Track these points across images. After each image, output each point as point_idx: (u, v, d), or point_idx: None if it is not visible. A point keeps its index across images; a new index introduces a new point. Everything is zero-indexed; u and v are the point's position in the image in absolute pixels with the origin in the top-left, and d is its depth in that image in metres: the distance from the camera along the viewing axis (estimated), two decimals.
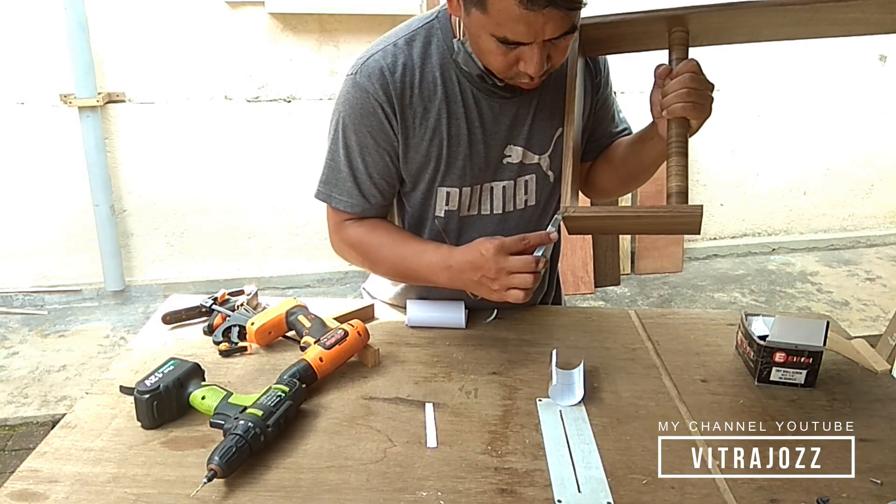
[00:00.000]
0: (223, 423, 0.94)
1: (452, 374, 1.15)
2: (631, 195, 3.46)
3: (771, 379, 1.12)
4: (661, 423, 1.02)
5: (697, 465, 0.94)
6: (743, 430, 1.01)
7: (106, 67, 3.16)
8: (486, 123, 1.17)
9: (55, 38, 3.02)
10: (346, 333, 1.12)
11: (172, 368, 1.03)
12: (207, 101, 3.30)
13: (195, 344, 1.23)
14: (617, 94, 1.35)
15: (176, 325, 1.29)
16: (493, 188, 1.23)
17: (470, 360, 1.19)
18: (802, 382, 1.11)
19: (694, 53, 1.10)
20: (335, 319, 1.22)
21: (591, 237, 3.61)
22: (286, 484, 0.89)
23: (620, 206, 1.26)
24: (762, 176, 4.07)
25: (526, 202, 1.26)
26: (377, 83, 1.11)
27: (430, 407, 1.05)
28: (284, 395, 0.98)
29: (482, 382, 1.12)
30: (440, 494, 0.87)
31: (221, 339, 1.22)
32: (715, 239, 4.16)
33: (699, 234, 1.01)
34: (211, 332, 1.25)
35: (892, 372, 1.17)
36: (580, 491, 0.88)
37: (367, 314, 1.32)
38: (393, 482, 0.89)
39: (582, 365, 1.11)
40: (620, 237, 3.74)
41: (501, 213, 1.25)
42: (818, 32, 1.12)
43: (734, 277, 3.84)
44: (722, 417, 1.04)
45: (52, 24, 3.00)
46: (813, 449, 0.97)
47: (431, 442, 0.97)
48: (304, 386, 1.03)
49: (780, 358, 1.11)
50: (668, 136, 1.05)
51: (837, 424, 1.03)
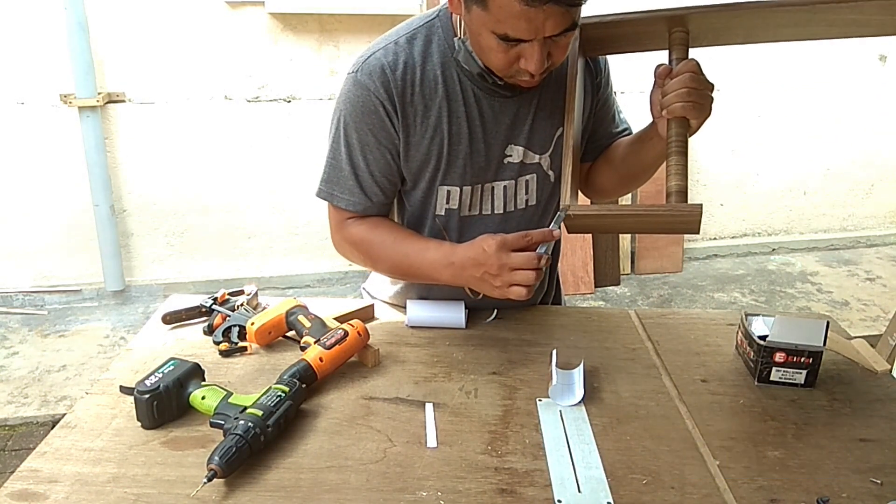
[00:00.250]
0: (223, 423, 0.94)
1: (452, 374, 1.15)
2: (631, 195, 3.46)
3: (771, 379, 1.12)
4: (660, 423, 1.02)
5: (697, 465, 0.94)
6: (743, 430, 1.01)
7: (106, 67, 3.16)
8: (486, 122, 1.17)
9: (55, 38, 3.02)
10: (346, 333, 1.12)
11: (172, 368, 1.03)
12: (207, 101, 3.30)
13: (195, 344, 1.23)
14: (617, 94, 1.35)
15: (176, 325, 1.29)
16: (493, 188, 1.23)
17: (470, 360, 1.19)
18: (802, 382, 1.11)
19: (694, 54, 1.10)
20: (335, 319, 1.22)
21: (591, 237, 3.61)
22: (286, 484, 0.89)
23: (620, 204, 1.26)
24: (762, 176, 4.07)
25: (527, 202, 1.26)
26: (378, 81, 1.11)
27: (430, 407, 1.05)
28: (284, 395, 0.98)
29: (482, 382, 1.12)
30: (440, 494, 0.87)
31: (221, 339, 1.22)
32: (715, 239, 4.16)
33: (698, 233, 1.02)
34: (211, 332, 1.25)
35: (892, 372, 1.17)
36: (580, 491, 0.88)
37: (367, 314, 1.32)
38: (393, 482, 0.89)
39: (582, 365, 1.11)
40: (620, 237, 3.74)
41: (502, 212, 1.25)
42: (817, 34, 1.12)
43: (734, 277, 3.84)
44: (722, 417, 1.04)
45: (52, 24, 3.00)
46: (813, 449, 0.97)
47: (431, 442, 0.97)
48: (304, 386, 1.03)
49: (780, 358, 1.11)
50: (667, 135, 1.05)
51: (837, 424, 1.03)
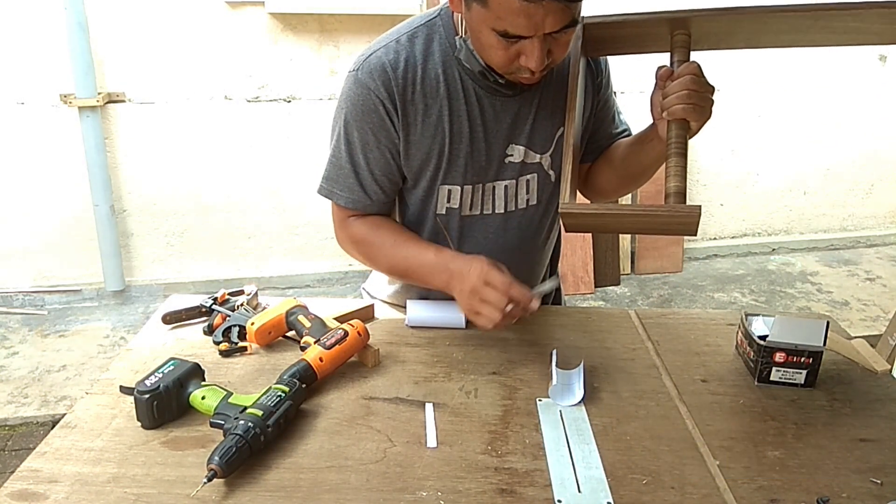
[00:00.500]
0: (223, 423, 0.94)
1: (452, 374, 1.15)
2: (631, 195, 3.46)
3: (771, 379, 1.12)
4: (660, 423, 1.02)
5: (697, 465, 0.94)
6: (743, 430, 1.01)
7: (106, 67, 3.16)
8: (487, 121, 1.17)
9: (55, 38, 3.02)
10: (346, 333, 1.12)
11: (172, 368, 1.03)
12: (207, 101, 3.30)
13: (195, 344, 1.23)
14: (617, 94, 1.35)
15: (176, 325, 1.29)
16: (494, 187, 1.23)
17: (470, 360, 1.19)
18: (802, 382, 1.11)
19: (695, 56, 1.10)
20: (335, 319, 1.22)
21: (591, 237, 3.61)
22: (286, 484, 0.89)
23: (618, 204, 1.26)
24: (762, 176, 4.07)
25: (528, 202, 1.26)
26: (379, 80, 1.11)
27: (430, 407, 1.05)
28: (284, 395, 0.98)
29: (482, 382, 1.12)
30: (440, 494, 0.87)
31: (221, 339, 1.22)
32: (715, 239, 4.16)
33: (695, 235, 1.02)
34: (211, 332, 1.25)
35: (892, 372, 1.17)
36: (580, 491, 0.88)
37: (367, 314, 1.32)
38: (393, 482, 0.89)
39: (582, 365, 1.11)
40: (620, 237, 3.74)
41: (503, 212, 1.25)
42: (818, 41, 1.12)
43: (734, 277, 3.84)
44: (722, 417, 1.04)
45: (52, 24, 3.00)
46: (813, 449, 0.97)
47: (431, 442, 0.97)
48: (304, 386, 1.03)
49: (780, 358, 1.11)
50: (667, 137, 1.05)
51: (837, 424, 1.03)
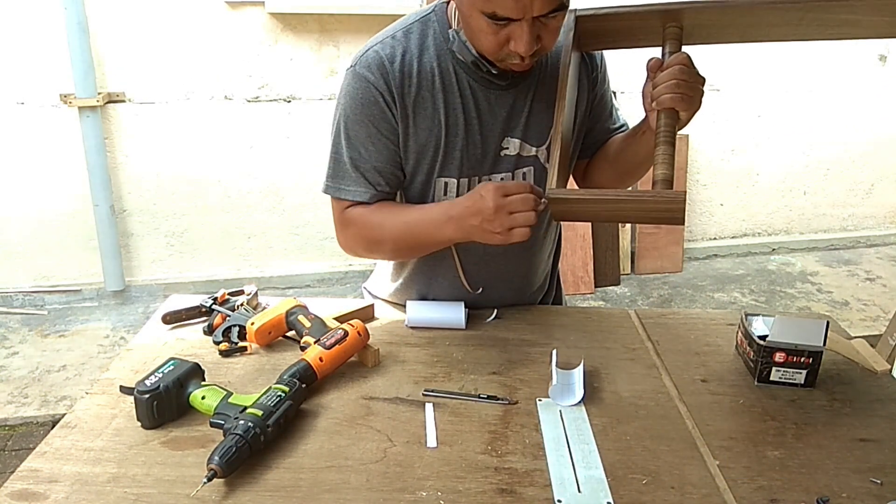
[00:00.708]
0: (223, 423, 0.94)
1: (452, 374, 1.15)
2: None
3: (771, 379, 1.12)
4: (660, 423, 1.02)
5: (697, 465, 0.94)
6: (743, 430, 1.01)
7: (106, 67, 3.16)
8: (482, 114, 1.18)
9: (55, 38, 3.02)
10: (346, 333, 1.12)
11: (172, 368, 1.03)
12: (207, 101, 3.30)
13: (195, 344, 1.23)
14: (617, 94, 1.35)
15: (176, 325, 1.29)
16: (491, 180, 1.23)
17: (470, 360, 1.19)
18: (802, 382, 1.11)
19: (694, 52, 1.10)
20: (335, 319, 1.22)
21: (591, 237, 3.61)
22: (286, 484, 0.89)
23: (602, 189, 1.25)
24: (762, 176, 4.07)
25: None
26: (377, 73, 1.13)
27: (430, 407, 1.05)
28: (284, 395, 0.98)
29: (482, 382, 1.12)
30: (440, 494, 0.87)
31: (221, 339, 1.22)
32: (715, 239, 4.16)
33: (683, 224, 1.02)
34: (211, 332, 1.25)
35: (892, 372, 1.17)
36: (580, 491, 0.88)
37: (367, 314, 1.32)
38: (393, 482, 0.89)
39: (582, 365, 1.11)
40: (620, 237, 3.74)
41: None
42: (810, 34, 1.11)
43: (734, 277, 3.84)
44: (722, 417, 1.04)
45: (52, 24, 3.00)
46: (813, 449, 0.97)
47: (431, 442, 0.97)
48: (304, 386, 1.03)
49: (780, 358, 1.11)
50: (656, 126, 1.06)
51: (837, 424, 1.03)
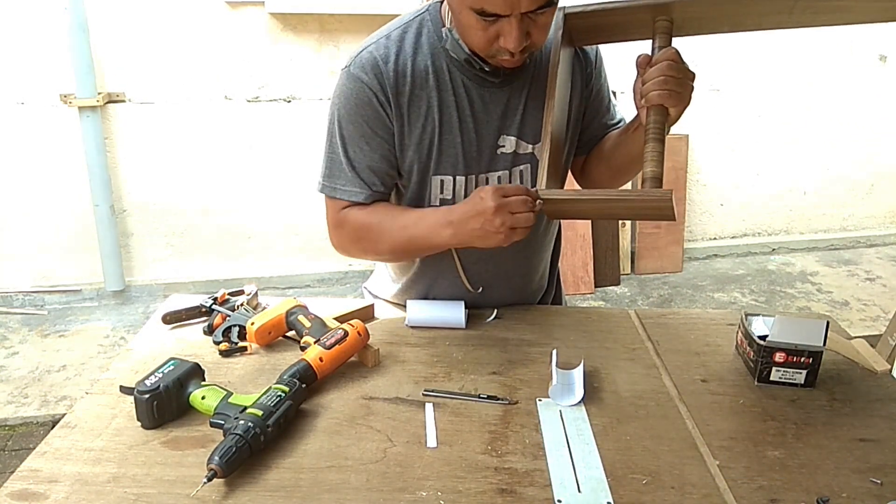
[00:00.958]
0: (223, 423, 0.94)
1: (452, 374, 1.15)
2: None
3: (771, 379, 1.12)
4: (660, 423, 1.02)
5: (697, 465, 0.94)
6: (743, 430, 1.01)
7: (106, 67, 3.16)
8: (476, 112, 1.18)
9: (55, 38, 3.02)
10: (346, 333, 1.12)
11: (172, 368, 1.03)
12: (207, 101, 3.30)
13: (195, 344, 1.23)
14: (616, 94, 1.35)
15: (176, 325, 1.29)
16: (487, 179, 1.23)
17: (470, 360, 1.19)
18: (802, 382, 1.11)
19: (693, 52, 1.10)
20: (335, 319, 1.22)
21: (591, 237, 3.61)
22: (286, 484, 0.89)
23: (591, 189, 1.25)
24: (762, 176, 4.07)
25: None
26: (371, 73, 1.14)
27: (430, 407, 1.05)
28: (284, 395, 0.98)
29: (482, 382, 1.12)
30: (440, 494, 0.87)
31: (221, 339, 1.22)
32: (715, 239, 4.16)
33: (674, 219, 1.02)
34: (211, 332, 1.25)
35: (892, 372, 1.17)
36: (580, 491, 0.88)
37: (367, 314, 1.32)
38: (393, 482, 0.89)
39: (582, 365, 1.11)
40: (621, 237, 3.74)
41: None
42: (802, 21, 1.10)
43: (734, 277, 3.84)
44: (722, 417, 1.04)
45: (52, 24, 3.00)
46: (813, 449, 0.97)
47: (431, 442, 0.97)
48: (304, 386, 1.03)
49: (780, 358, 1.11)
50: (645, 123, 1.05)
51: (837, 424, 1.03)
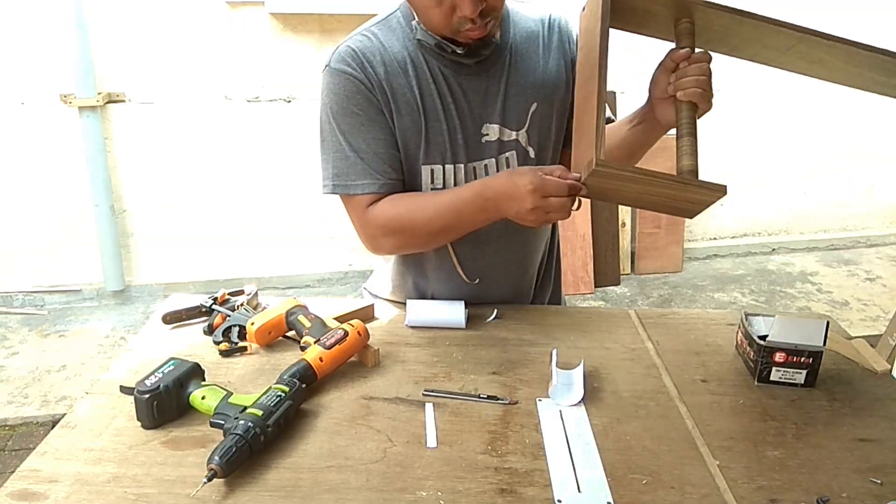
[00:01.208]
0: (223, 423, 0.94)
1: (452, 374, 1.15)
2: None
3: (771, 379, 1.12)
4: (660, 423, 1.02)
5: (697, 465, 0.94)
6: (743, 430, 1.01)
7: (106, 67, 3.16)
8: (457, 101, 1.20)
9: (55, 38, 3.02)
10: (346, 333, 1.12)
11: (172, 368, 1.03)
12: (207, 101, 3.30)
13: (195, 344, 1.23)
14: (617, 93, 1.35)
15: (176, 325, 1.29)
16: (475, 168, 1.24)
17: (470, 360, 1.19)
18: (802, 382, 1.11)
19: None
20: (335, 319, 1.22)
21: (591, 237, 3.61)
22: (286, 484, 0.89)
23: (650, 169, 1.18)
24: (762, 176, 4.07)
25: None
26: (353, 64, 1.16)
27: (430, 407, 1.05)
28: (284, 395, 0.98)
29: (482, 382, 1.12)
30: (440, 494, 0.87)
31: (221, 339, 1.22)
32: (715, 239, 4.16)
33: (692, 216, 1.02)
34: (211, 332, 1.25)
35: (892, 372, 1.17)
36: (580, 491, 0.88)
37: (367, 314, 1.32)
38: (393, 482, 0.89)
39: (582, 365, 1.11)
40: (621, 237, 3.74)
41: None
42: (792, 65, 1.13)
43: (734, 277, 3.84)
44: (722, 417, 1.04)
45: (52, 24, 3.00)
46: (813, 449, 0.97)
47: (431, 442, 0.97)
48: (304, 386, 1.03)
49: (780, 358, 1.11)
50: (678, 118, 1.07)
51: (837, 424, 1.03)
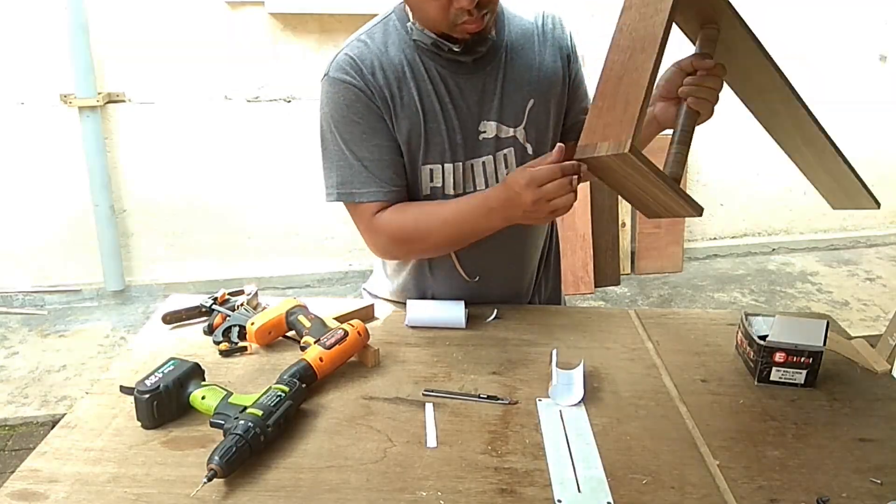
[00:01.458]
0: (223, 423, 0.94)
1: (452, 374, 1.15)
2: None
3: (771, 379, 1.12)
4: (660, 423, 1.03)
5: (697, 465, 0.94)
6: (743, 430, 1.01)
7: (106, 67, 3.16)
8: (455, 99, 1.20)
9: (55, 38, 3.02)
10: (346, 333, 1.12)
11: (172, 368, 1.03)
12: (207, 101, 3.30)
13: (195, 344, 1.23)
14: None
15: (176, 325, 1.29)
16: (473, 165, 1.24)
17: (470, 360, 1.19)
18: (802, 382, 1.11)
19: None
20: (335, 319, 1.22)
21: (591, 237, 3.61)
22: (286, 484, 0.89)
23: (660, 169, 1.16)
24: (762, 176, 4.07)
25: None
26: (352, 72, 1.16)
27: (430, 407, 1.05)
28: (284, 395, 0.98)
29: (482, 382, 1.12)
30: (440, 494, 0.87)
31: (221, 339, 1.22)
32: (715, 239, 4.16)
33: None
34: (211, 332, 1.25)
35: (892, 372, 1.17)
36: (580, 491, 0.88)
37: (367, 314, 1.32)
38: (393, 482, 0.89)
39: (582, 365, 1.11)
40: (621, 237, 3.74)
41: (485, 188, 1.26)
42: (765, 113, 1.18)
43: (734, 277, 3.84)
44: (722, 417, 1.04)
45: (52, 24, 3.00)
46: (813, 449, 0.97)
47: (431, 442, 0.97)
48: (304, 386, 1.03)
49: (780, 358, 1.11)
50: (679, 123, 1.07)
51: (837, 424, 1.03)
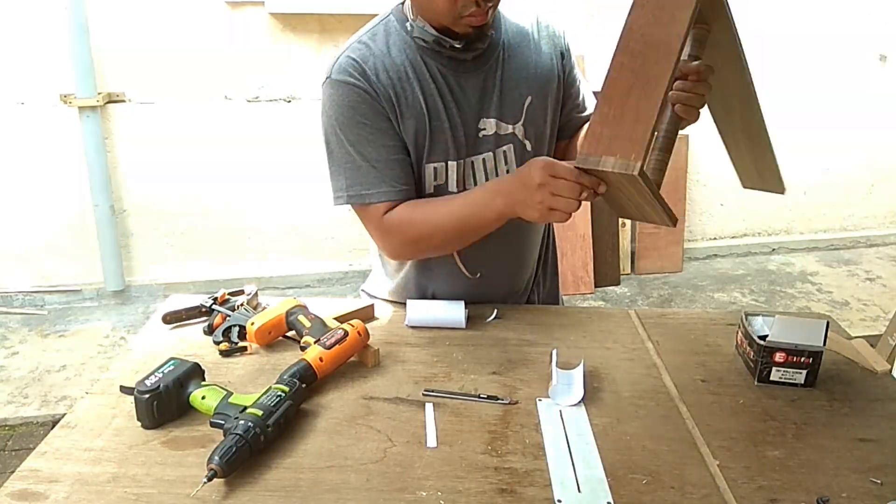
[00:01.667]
0: (223, 423, 0.94)
1: (452, 374, 1.15)
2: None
3: (771, 379, 1.12)
4: (660, 423, 1.03)
5: (697, 465, 0.94)
6: (743, 430, 1.01)
7: (106, 67, 3.16)
8: (457, 97, 1.20)
9: (55, 38, 3.02)
10: (346, 333, 1.12)
11: (172, 368, 1.03)
12: (207, 101, 3.30)
13: (195, 344, 1.23)
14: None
15: (176, 325, 1.29)
16: (474, 162, 1.25)
17: (470, 360, 1.19)
18: (802, 382, 1.11)
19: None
20: (335, 319, 1.22)
21: (591, 237, 3.61)
22: (286, 484, 0.89)
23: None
24: None
25: (508, 171, 1.27)
26: (355, 74, 1.16)
27: (430, 407, 1.05)
28: (284, 394, 0.98)
29: (482, 382, 1.12)
30: (440, 494, 0.87)
31: (221, 339, 1.22)
32: (715, 239, 4.16)
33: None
34: (211, 332, 1.25)
35: (892, 372, 1.17)
36: (580, 491, 0.88)
37: (367, 314, 1.32)
38: (393, 482, 0.89)
39: (582, 365, 1.11)
40: (621, 237, 3.74)
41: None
42: (721, 117, 1.19)
43: (734, 277, 3.84)
44: (722, 417, 1.04)
45: (52, 24, 3.00)
46: (813, 449, 0.97)
47: (431, 442, 0.97)
48: (304, 386, 1.03)
49: (780, 358, 1.11)
50: (661, 129, 1.05)
51: (837, 424, 1.03)
